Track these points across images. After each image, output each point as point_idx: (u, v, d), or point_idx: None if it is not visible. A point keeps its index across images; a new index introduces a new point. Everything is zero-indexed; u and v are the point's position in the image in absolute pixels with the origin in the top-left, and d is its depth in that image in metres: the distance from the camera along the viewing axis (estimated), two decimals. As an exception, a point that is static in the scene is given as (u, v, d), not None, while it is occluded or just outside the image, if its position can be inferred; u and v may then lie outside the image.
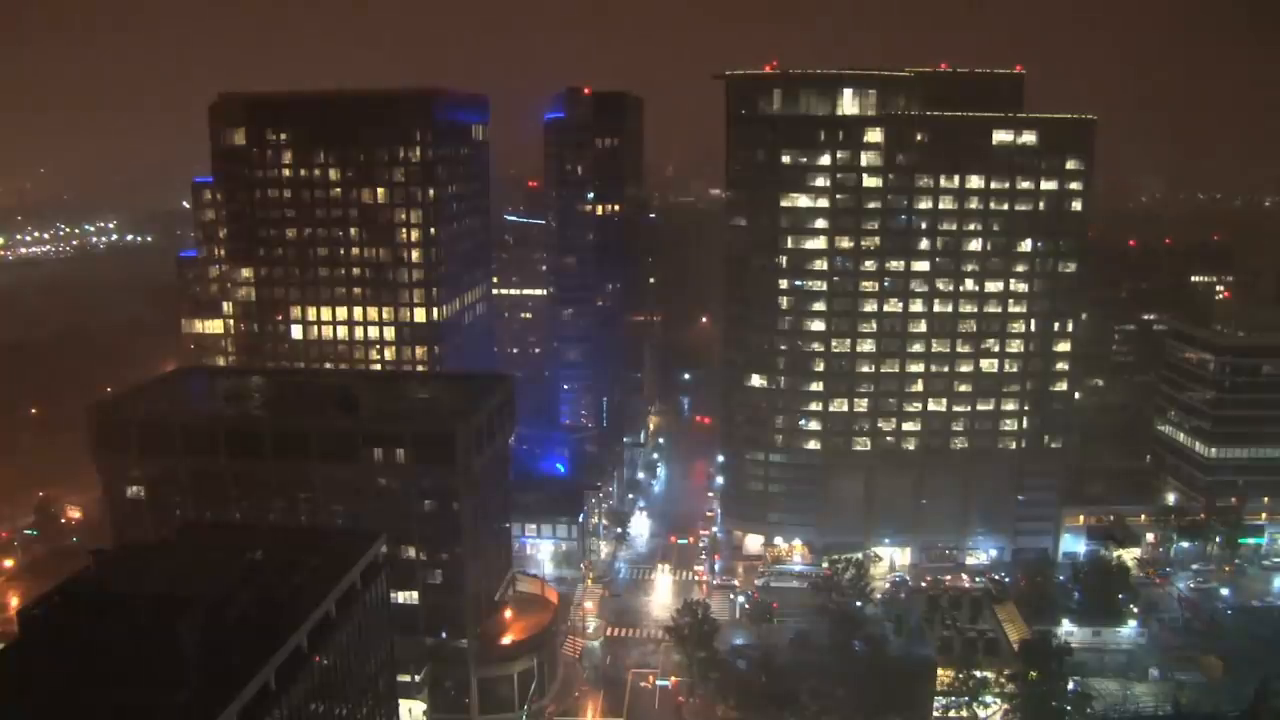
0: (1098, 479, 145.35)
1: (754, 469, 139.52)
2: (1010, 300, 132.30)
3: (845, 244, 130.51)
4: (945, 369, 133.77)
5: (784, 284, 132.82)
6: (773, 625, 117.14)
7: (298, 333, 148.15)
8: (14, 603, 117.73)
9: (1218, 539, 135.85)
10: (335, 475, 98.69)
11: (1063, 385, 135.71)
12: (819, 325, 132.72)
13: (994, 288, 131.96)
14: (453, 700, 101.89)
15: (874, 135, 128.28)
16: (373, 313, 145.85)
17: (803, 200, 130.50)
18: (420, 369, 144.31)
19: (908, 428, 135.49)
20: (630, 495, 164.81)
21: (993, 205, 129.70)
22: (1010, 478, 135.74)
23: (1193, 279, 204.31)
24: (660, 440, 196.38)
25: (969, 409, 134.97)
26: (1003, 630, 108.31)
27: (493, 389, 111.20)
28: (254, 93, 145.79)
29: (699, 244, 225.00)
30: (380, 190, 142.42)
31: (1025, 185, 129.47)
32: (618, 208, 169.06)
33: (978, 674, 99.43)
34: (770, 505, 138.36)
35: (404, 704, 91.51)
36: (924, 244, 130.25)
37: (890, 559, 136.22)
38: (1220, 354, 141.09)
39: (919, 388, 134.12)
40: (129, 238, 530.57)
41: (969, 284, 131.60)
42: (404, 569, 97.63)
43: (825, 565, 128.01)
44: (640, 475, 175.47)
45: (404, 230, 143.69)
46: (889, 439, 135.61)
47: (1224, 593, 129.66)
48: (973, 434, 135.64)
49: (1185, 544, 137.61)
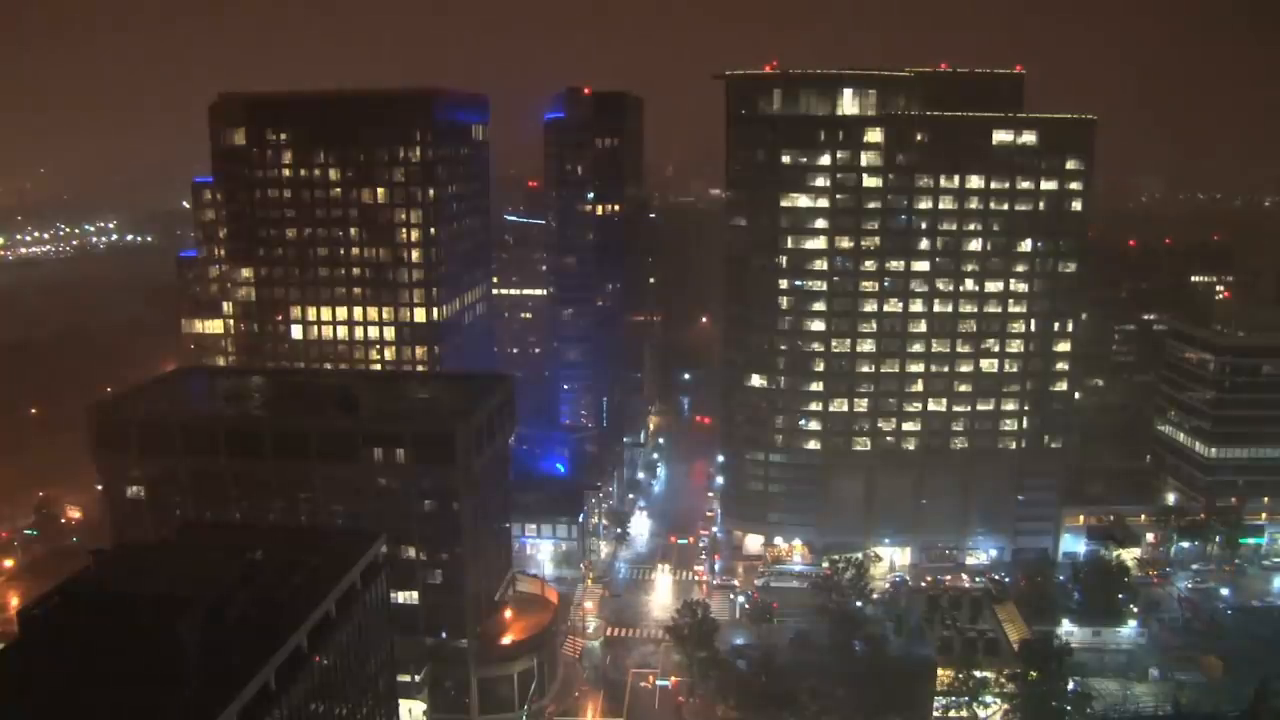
0: (1098, 479, 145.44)
1: (754, 469, 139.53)
2: (1010, 300, 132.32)
3: (845, 244, 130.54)
4: (945, 369, 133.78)
5: (784, 284, 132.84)
6: (773, 625, 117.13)
7: (298, 333, 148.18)
8: (14, 603, 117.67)
9: (1218, 539, 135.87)
10: (335, 475, 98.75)
11: (1063, 385, 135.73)
12: (819, 325, 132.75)
13: (994, 288, 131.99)
14: (453, 700, 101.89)
15: (874, 135, 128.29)
16: (373, 313, 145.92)
17: (803, 200, 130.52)
18: (420, 369, 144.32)
19: (908, 428, 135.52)
20: (630, 495, 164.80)
21: (993, 205, 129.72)
22: (1010, 478, 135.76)
23: (1193, 279, 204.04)
24: (660, 440, 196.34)
25: (969, 409, 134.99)
26: (1003, 630, 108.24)
27: (493, 389, 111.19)
28: (254, 93, 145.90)
29: (699, 244, 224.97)
30: (380, 190, 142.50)
31: (1025, 185, 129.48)
32: (618, 208, 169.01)
33: (978, 674, 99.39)
34: (770, 505, 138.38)
35: (404, 704, 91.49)
36: (924, 244, 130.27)
37: (890, 559, 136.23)
38: (1220, 354, 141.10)
39: (919, 388, 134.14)
40: (129, 238, 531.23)
41: (969, 284, 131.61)
42: (404, 569, 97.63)
43: (825, 565, 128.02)
44: (640, 475, 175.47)
45: (404, 230, 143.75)
46: (889, 439, 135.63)
47: (1224, 593, 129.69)
48: (973, 434, 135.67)
49: (1185, 544, 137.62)
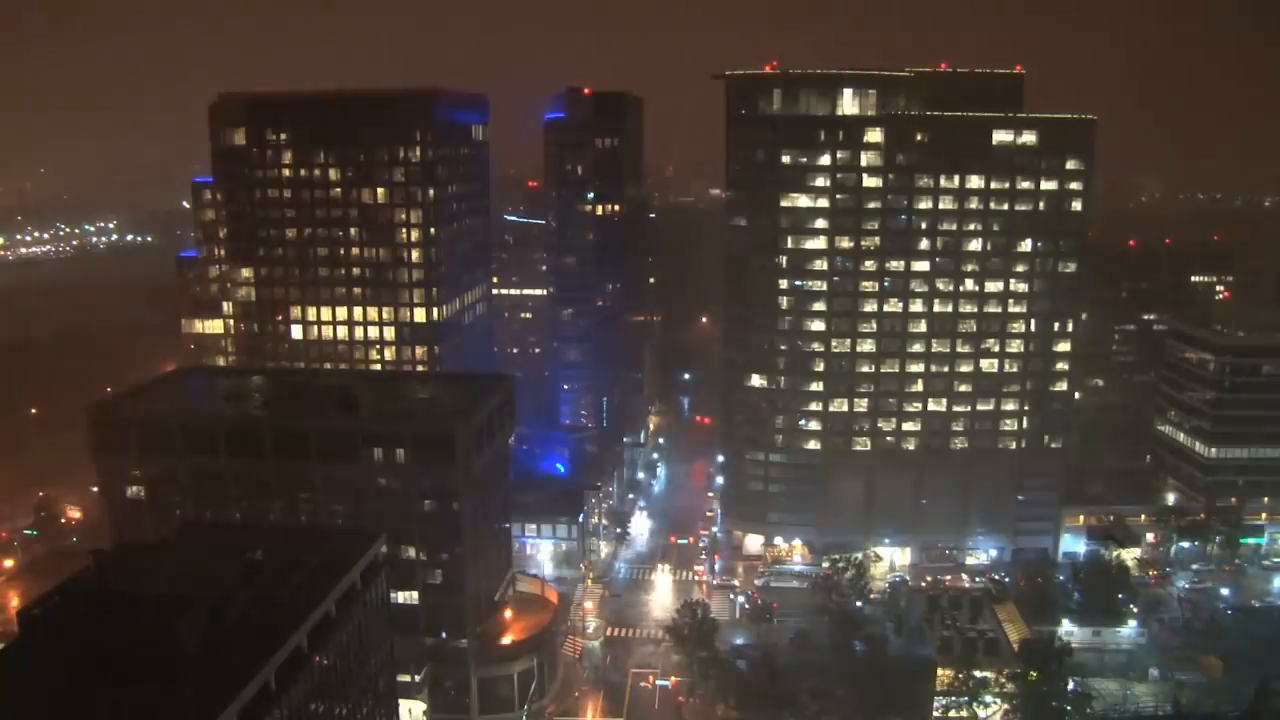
0: (1098, 479, 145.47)
1: (754, 469, 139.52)
2: (1010, 300, 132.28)
3: (845, 244, 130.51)
4: (945, 369, 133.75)
5: (784, 284, 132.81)
6: (773, 625, 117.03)
7: (298, 333, 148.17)
8: (14, 603, 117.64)
9: (1218, 539, 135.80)
10: (335, 475, 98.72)
11: (1063, 385, 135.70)
12: (819, 325, 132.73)
13: (994, 288, 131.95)
14: (453, 700, 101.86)
15: (874, 135, 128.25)
16: (373, 313, 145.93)
17: (803, 200, 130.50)
18: (420, 369, 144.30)
19: (908, 428, 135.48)
20: (630, 495, 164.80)
21: (993, 205, 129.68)
22: (1010, 478, 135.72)
23: (1193, 279, 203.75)
24: (660, 440, 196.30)
25: (969, 409, 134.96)
26: (1003, 630, 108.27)
27: (493, 389, 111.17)
28: (254, 93, 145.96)
29: (699, 244, 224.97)
30: (380, 190, 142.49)
31: (1025, 185, 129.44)
32: (618, 207, 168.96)
33: (978, 674, 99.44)
34: (770, 505, 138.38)
35: (404, 704, 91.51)
36: (924, 244, 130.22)
37: (890, 559, 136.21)
38: (1220, 354, 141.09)
39: (919, 388, 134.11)
40: (129, 238, 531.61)
41: (969, 284, 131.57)
42: (404, 569, 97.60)
43: (825, 565, 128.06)
44: (640, 475, 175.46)
45: (404, 230, 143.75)
46: (889, 439, 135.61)
47: (1224, 593, 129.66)
48: (973, 434, 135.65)
49: (1185, 544, 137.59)
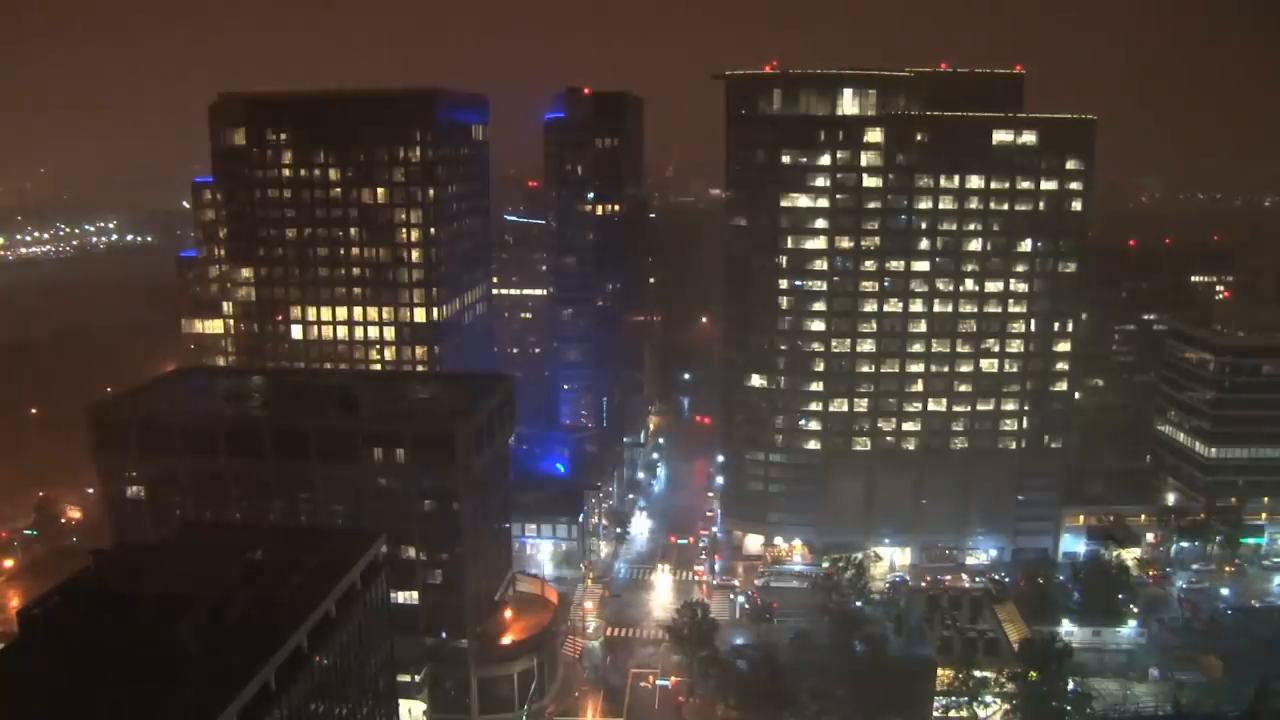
0: (1098, 479, 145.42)
1: (754, 469, 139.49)
2: (1010, 300, 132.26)
3: (845, 244, 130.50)
4: (945, 369, 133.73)
5: (784, 284, 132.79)
6: (773, 625, 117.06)
7: (298, 333, 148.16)
8: (14, 603, 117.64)
9: (1218, 539, 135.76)
10: (335, 475, 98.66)
11: (1063, 385, 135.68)
12: (819, 325, 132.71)
13: (994, 288, 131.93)
14: (453, 700, 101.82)
15: (874, 135, 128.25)
16: (373, 313, 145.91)
17: (803, 200, 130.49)
18: (420, 369, 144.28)
19: (908, 428, 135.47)
20: (630, 495, 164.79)
21: (993, 205, 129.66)
22: (1010, 478, 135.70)
23: (1193, 279, 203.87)
24: (660, 440, 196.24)
25: (969, 409, 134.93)
26: (1003, 630, 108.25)
27: (493, 389, 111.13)
28: (254, 93, 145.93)
29: (699, 244, 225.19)
30: (380, 190, 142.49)
31: (1025, 185, 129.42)
32: (618, 208, 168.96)
33: (978, 674, 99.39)
34: (770, 505, 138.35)
35: (404, 704, 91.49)
36: (924, 244, 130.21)
37: (890, 559, 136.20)
38: (1220, 354, 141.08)
39: (919, 388, 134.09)
40: (129, 238, 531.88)
41: (969, 284, 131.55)
42: (404, 569, 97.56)
43: (825, 565, 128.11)
44: (640, 475, 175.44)
45: (404, 230, 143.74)
46: (889, 439, 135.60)
47: (1224, 593, 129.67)
48: (973, 434, 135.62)
49: (1185, 544, 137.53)
